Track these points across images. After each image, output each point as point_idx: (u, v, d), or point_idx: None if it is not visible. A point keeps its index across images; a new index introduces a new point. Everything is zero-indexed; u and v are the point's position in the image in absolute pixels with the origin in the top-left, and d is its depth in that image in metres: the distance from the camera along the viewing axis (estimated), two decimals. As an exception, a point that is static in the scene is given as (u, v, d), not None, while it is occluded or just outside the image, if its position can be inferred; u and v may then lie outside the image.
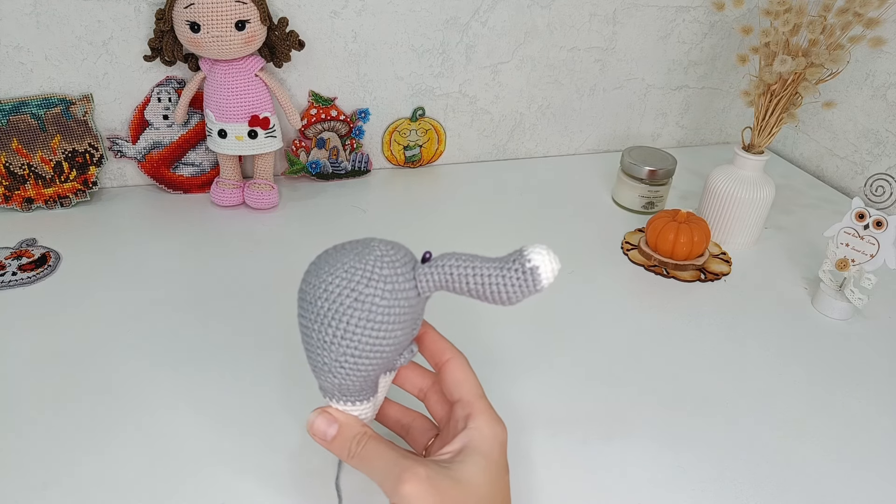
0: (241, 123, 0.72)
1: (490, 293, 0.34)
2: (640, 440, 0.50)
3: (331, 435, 0.37)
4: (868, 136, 0.88)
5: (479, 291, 0.34)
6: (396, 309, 0.34)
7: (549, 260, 0.34)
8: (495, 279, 0.34)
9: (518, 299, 0.34)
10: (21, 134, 0.71)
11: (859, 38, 0.65)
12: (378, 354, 0.35)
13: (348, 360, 0.35)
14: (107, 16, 0.71)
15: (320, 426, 0.37)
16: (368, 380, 0.37)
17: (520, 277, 0.34)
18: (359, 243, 0.36)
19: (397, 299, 0.34)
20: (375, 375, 0.37)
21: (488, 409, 0.38)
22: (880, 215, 0.60)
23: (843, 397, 0.55)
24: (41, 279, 0.63)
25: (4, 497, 0.42)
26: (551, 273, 0.34)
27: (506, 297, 0.34)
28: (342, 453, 0.36)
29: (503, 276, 0.34)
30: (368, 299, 0.34)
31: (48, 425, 0.48)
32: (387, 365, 0.37)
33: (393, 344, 0.35)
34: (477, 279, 0.34)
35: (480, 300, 0.35)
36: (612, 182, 0.88)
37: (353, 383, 0.36)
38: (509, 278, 0.34)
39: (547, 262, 0.34)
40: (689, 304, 0.66)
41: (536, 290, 0.34)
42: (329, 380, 0.36)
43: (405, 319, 0.35)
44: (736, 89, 0.99)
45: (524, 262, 0.34)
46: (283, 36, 0.73)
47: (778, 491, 0.47)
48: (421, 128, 0.87)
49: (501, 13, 0.83)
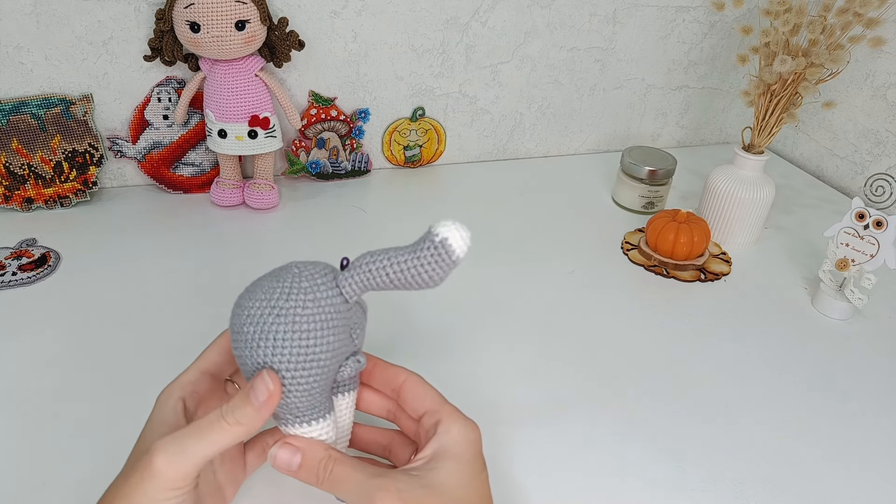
0: (241, 123, 0.72)
1: (412, 278, 0.35)
2: (640, 440, 0.50)
3: (296, 464, 0.35)
4: (868, 136, 0.88)
5: (402, 280, 0.35)
6: (322, 316, 0.34)
7: (455, 229, 0.34)
8: (412, 263, 0.34)
9: (440, 276, 0.35)
10: (21, 134, 0.71)
11: (859, 38, 0.65)
12: (314, 365, 0.34)
13: (286, 377, 0.34)
14: (107, 16, 0.71)
15: (283, 457, 0.36)
16: (314, 394, 0.35)
17: (433, 254, 0.34)
18: (278, 269, 0.37)
19: (321, 307, 0.34)
20: (321, 388, 0.36)
21: (455, 411, 0.37)
22: (880, 215, 0.60)
23: (843, 397, 0.55)
24: (41, 279, 0.63)
25: (4, 497, 0.42)
26: (462, 242, 0.34)
27: (427, 277, 0.34)
28: (311, 480, 0.35)
29: (418, 259, 0.34)
30: (290, 312, 0.34)
31: (48, 425, 0.48)
32: (328, 375, 0.36)
33: (328, 352, 0.35)
34: (395, 269, 0.35)
35: (407, 288, 0.35)
36: (612, 182, 0.88)
37: (299, 400, 0.35)
38: (424, 258, 0.34)
39: (454, 233, 0.34)
40: (689, 304, 0.66)
41: (452, 261, 0.34)
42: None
43: (335, 325, 0.35)
44: (736, 89, 0.99)
45: (433, 239, 0.34)
46: (283, 36, 0.73)
47: (778, 491, 0.47)
48: (421, 128, 0.87)
49: (501, 13, 0.83)
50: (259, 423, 0.33)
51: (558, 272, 0.69)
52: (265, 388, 0.33)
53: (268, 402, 0.33)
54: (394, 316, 0.61)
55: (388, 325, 0.59)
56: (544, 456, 0.48)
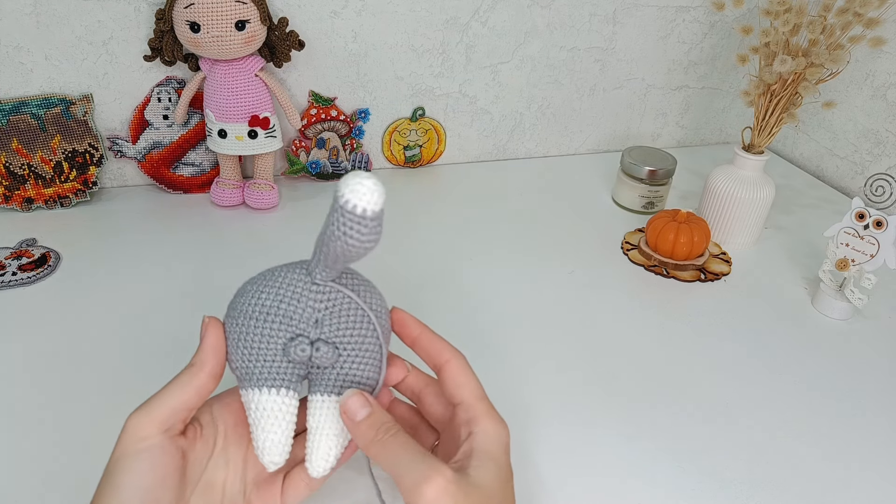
0: (241, 123, 0.72)
1: (343, 246, 0.33)
2: (640, 440, 0.50)
3: (363, 415, 0.35)
4: (868, 136, 0.88)
5: (340, 250, 0.34)
6: (282, 290, 0.36)
7: (356, 184, 0.32)
8: (332, 231, 0.34)
9: (365, 237, 0.33)
10: (21, 134, 0.71)
11: (859, 38, 0.65)
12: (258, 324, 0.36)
13: (232, 329, 0.37)
14: (107, 16, 0.71)
15: (354, 405, 0.35)
16: (259, 356, 0.36)
17: (342, 217, 0.33)
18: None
19: (284, 281, 0.37)
20: (265, 353, 0.36)
21: (492, 411, 0.37)
22: (880, 215, 0.60)
23: (843, 397, 0.55)
24: (41, 279, 0.63)
25: (4, 497, 0.42)
26: (369, 194, 0.32)
27: (354, 242, 0.33)
28: (366, 437, 0.35)
29: (334, 225, 0.33)
30: (258, 280, 0.38)
31: (48, 425, 0.48)
32: (271, 340, 0.36)
33: (274, 317, 0.36)
34: (328, 241, 0.34)
35: (352, 257, 0.35)
36: (612, 182, 0.88)
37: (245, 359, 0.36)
38: (338, 223, 0.33)
39: (357, 190, 0.32)
40: (689, 304, 0.66)
41: (368, 219, 0.33)
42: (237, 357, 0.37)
43: (291, 300, 0.36)
44: (736, 89, 0.99)
45: (338, 201, 0.33)
46: (283, 36, 0.73)
47: (778, 491, 0.47)
48: (421, 128, 0.87)
49: (501, 13, 0.83)
50: (207, 360, 0.35)
51: (558, 272, 0.69)
52: (203, 328, 0.36)
53: (207, 333, 0.36)
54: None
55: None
56: (543, 456, 0.48)
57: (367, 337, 0.38)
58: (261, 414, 0.36)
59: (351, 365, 0.37)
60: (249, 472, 0.38)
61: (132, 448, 0.33)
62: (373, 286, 0.40)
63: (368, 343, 0.38)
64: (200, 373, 0.35)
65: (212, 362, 0.36)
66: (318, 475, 0.36)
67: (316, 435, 0.37)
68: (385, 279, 0.67)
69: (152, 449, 0.33)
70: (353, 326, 0.37)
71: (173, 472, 0.33)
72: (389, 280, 0.66)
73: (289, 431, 0.36)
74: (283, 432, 0.36)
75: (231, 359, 0.37)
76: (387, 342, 0.40)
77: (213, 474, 0.36)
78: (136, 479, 0.32)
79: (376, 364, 0.39)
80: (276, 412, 0.36)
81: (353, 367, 0.37)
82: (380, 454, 0.34)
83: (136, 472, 0.32)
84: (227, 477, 0.37)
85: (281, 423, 0.36)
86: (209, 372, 0.35)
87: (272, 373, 0.36)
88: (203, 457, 0.36)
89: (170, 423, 0.34)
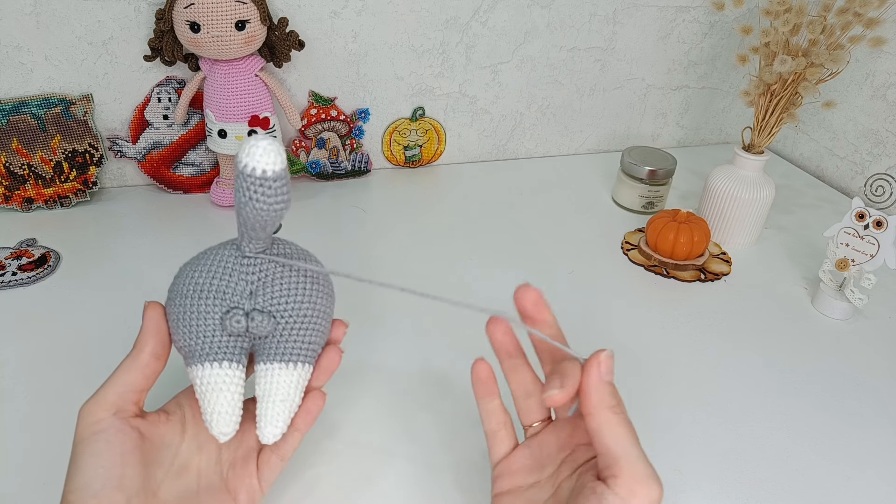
0: (241, 123, 0.72)
1: (252, 214, 0.34)
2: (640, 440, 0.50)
3: (610, 378, 0.34)
4: (868, 136, 0.88)
5: (251, 217, 0.35)
6: (211, 265, 0.38)
7: (251, 146, 0.33)
8: (239, 200, 0.34)
9: (271, 199, 0.34)
10: (21, 134, 0.71)
11: (859, 38, 0.65)
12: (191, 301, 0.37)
13: (171, 309, 0.38)
14: (107, 16, 0.71)
15: (608, 365, 0.35)
16: (198, 332, 0.36)
17: (247, 183, 0.33)
18: None
19: (213, 257, 0.38)
20: (200, 328, 0.37)
21: (645, 469, 0.32)
22: (880, 215, 0.60)
23: (843, 397, 0.55)
24: (41, 279, 0.63)
25: (5, 497, 0.42)
26: (265, 155, 0.33)
27: (261, 205, 0.34)
28: (604, 401, 0.33)
29: (239, 193, 0.34)
30: (192, 260, 0.39)
31: (48, 425, 0.48)
32: (204, 315, 0.37)
33: (205, 293, 0.37)
34: (239, 211, 0.35)
35: (265, 224, 0.35)
36: (612, 182, 0.88)
37: (185, 336, 0.37)
38: (242, 191, 0.34)
39: (252, 153, 0.33)
40: (689, 304, 0.66)
41: (270, 180, 0.33)
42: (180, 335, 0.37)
43: (222, 273, 0.37)
44: (736, 89, 0.99)
45: (238, 168, 0.34)
46: (283, 36, 0.73)
47: (778, 491, 0.47)
48: (421, 128, 0.87)
49: (501, 13, 0.83)
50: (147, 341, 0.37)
51: (558, 272, 0.69)
52: (146, 307, 0.38)
53: (145, 317, 0.37)
54: (386, 312, 0.61)
55: (385, 323, 0.59)
56: (544, 456, 0.48)
57: (304, 303, 0.38)
58: (206, 388, 0.36)
59: (290, 331, 0.38)
60: (224, 454, 0.39)
61: (87, 432, 0.34)
62: (308, 253, 0.41)
63: (306, 308, 0.38)
64: (141, 354, 0.36)
65: (151, 342, 0.37)
66: (268, 441, 0.37)
67: (264, 402, 0.37)
68: (384, 279, 0.67)
69: (107, 430, 0.34)
70: (287, 294, 0.38)
71: (131, 449, 0.34)
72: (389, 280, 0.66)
73: (235, 402, 0.37)
74: (229, 403, 0.36)
75: (175, 340, 0.38)
76: (329, 306, 0.40)
77: (188, 459, 0.38)
78: (95, 458, 0.33)
79: (318, 329, 0.39)
80: (219, 384, 0.36)
81: (294, 333, 0.38)
82: (615, 427, 0.33)
83: (94, 453, 0.34)
84: (200, 460, 0.38)
85: (225, 395, 0.36)
86: (149, 352, 0.37)
87: (213, 348, 0.37)
88: (173, 442, 0.37)
89: (119, 405, 0.35)
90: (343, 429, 0.49)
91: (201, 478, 0.38)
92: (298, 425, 0.39)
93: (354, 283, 0.38)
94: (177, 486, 0.36)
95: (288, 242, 0.40)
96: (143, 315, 0.38)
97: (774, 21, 0.66)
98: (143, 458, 0.35)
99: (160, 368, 0.37)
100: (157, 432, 0.36)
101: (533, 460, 0.38)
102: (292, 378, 0.38)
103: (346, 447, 0.48)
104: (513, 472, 0.38)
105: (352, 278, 0.38)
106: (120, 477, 0.33)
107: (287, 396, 0.38)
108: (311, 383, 0.39)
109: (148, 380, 0.37)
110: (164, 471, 0.36)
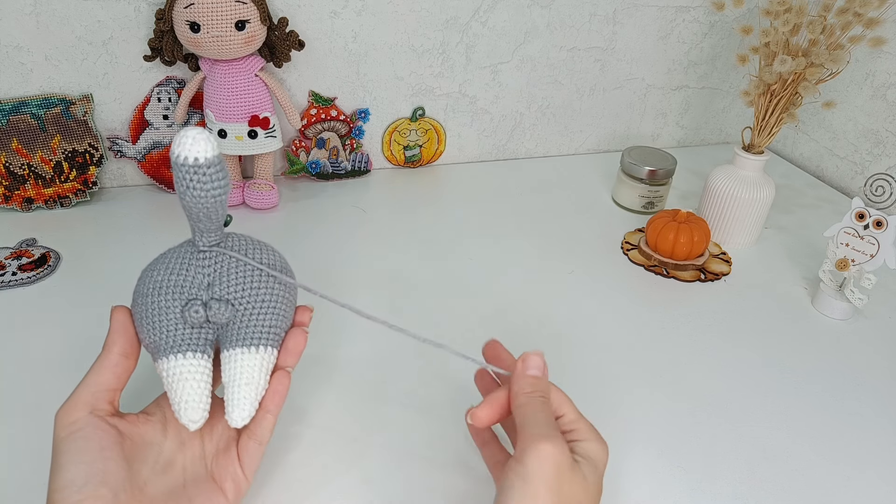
0: (241, 123, 0.72)
1: (192, 202, 0.36)
2: (640, 440, 0.50)
3: (532, 372, 0.39)
4: (868, 136, 0.88)
5: (191, 206, 0.36)
6: (168, 263, 0.39)
7: (181, 136, 0.35)
8: (178, 190, 0.36)
9: (207, 185, 0.35)
10: (21, 134, 0.71)
11: (859, 38, 0.65)
12: (153, 299, 0.38)
13: (134, 308, 0.39)
14: (107, 16, 0.71)
15: (534, 362, 0.40)
16: (161, 327, 0.38)
17: (182, 172, 0.35)
18: None
19: (171, 254, 0.40)
20: (163, 323, 0.38)
21: (594, 429, 0.39)
22: (880, 215, 0.60)
23: (843, 397, 0.55)
24: (41, 279, 0.63)
25: (5, 497, 0.42)
26: (194, 143, 0.35)
27: (198, 192, 0.35)
28: (523, 388, 0.38)
29: (177, 184, 0.36)
30: (153, 261, 0.41)
31: (48, 425, 0.48)
32: (165, 310, 0.38)
33: (163, 288, 0.38)
34: (181, 202, 0.36)
35: (208, 212, 0.37)
36: (612, 182, 0.88)
37: (149, 332, 0.38)
38: (179, 181, 0.35)
39: (183, 143, 0.35)
40: (689, 304, 0.66)
41: (203, 167, 0.35)
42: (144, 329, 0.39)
43: (176, 268, 0.39)
44: (736, 89, 0.99)
45: (172, 159, 0.35)
46: (283, 36, 0.73)
47: (778, 491, 0.47)
48: (421, 128, 0.87)
49: (501, 13, 0.83)
50: (115, 341, 0.38)
51: (558, 272, 0.69)
52: (113, 311, 0.39)
53: (112, 318, 0.39)
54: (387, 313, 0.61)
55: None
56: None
57: (260, 288, 0.39)
58: (172, 378, 0.37)
59: (250, 317, 0.39)
60: (207, 447, 0.40)
61: (65, 433, 0.35)
62: (263, 243, 0.42)
63: (263, 294, 0.39)
64: (110, 354, 0.38)
65: (119, 342, 0.38)
66: (237, 424, 0.38)
67: (230, 387, 0.38)
68: (385, 279, 0.67)
69: (84, 428, 0.35)
70: (243, 282, 0.39)
71: (111, 444, 0.35)
72: (389, 280, 0.66)
73: (201, 390, 0.37)
74: (195, 391, 0.37)
75: (141, 339, 0.39)
76: (289, 291, 0.41)
77: (171, 455, 0.38)
78: (75, 455, 0.34)
79: (278, 312, 0.40)
80: (184, 374, 0.37)
81: (254, 318, 0.39)
82: (524, 406, 0.37)
83: (73, 451, 0.34)
84: (185, 455, 0.39)
85: (191, 383, 0.37)
86: (118, 352, 0.38)
87: (176, 340, 0.38)
88: (154, 440, 0.38)
89: (93, 405, 0.36)
90: (317, 415, 0.50)
91: (187, 472, 0.38)
92: (268, 406, 0.39)
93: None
94: (164, 482, 0.37)
95: (242, 235, 0.42)
96: (110, 318, 0.39)
97: (774, 21, 0.66)
98: (125, 455, 0.35)
99: (131, 367, 0.38)
100: (136, 431, 0.37)
101: None
102: (255, 361, 0.39)
103: (321, 432, 0.48)
104: None
105: (304, 287, 0.40)
106: (103, 472, 0.34)
107: (252, 379, 0.38)
108: (279, 364, 0.40)
109: (119, 379, 0.38)
110: (150, 468, 0.37)
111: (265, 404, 0.39)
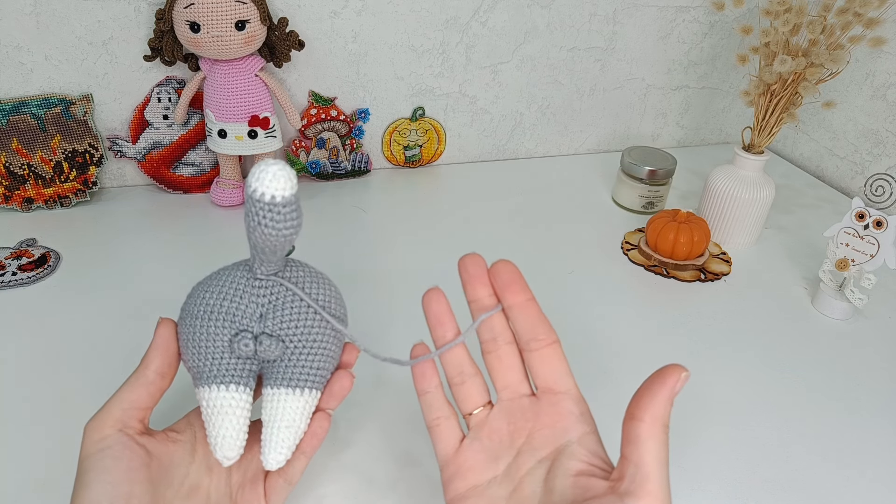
0: (240, 123, 0.72)
1: (261, 239, 0.34)
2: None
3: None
4: (868, 136, 0.88)
5: (260, 242, 0.34)
6: (222, 288, 0.37)
7: (261, 171, 0.32)
8: (248, 224, 0.34)
9: (280, 224, 0.33)
10: (21, 134, 0.71)
11: (859, 38, 0.65)
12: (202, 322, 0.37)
13: (181, 329, 0.38)
14: (107, 16, 0.71)
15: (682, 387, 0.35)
16: (206, 354, 0.36)
17: (256, 208, 0.33)
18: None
19: (226, 278, 0.38)
20: (211, 350, 0.36)
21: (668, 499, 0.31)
22: (880, 215, 0.60)
23: (843, 397, 0.55)
24: (41, 279, 0.63)
25: (4, 497, 0.42)
26: (275, 181, 0.32)
27: (269, 231, 0.33)
28: (667, 418, 0.34)
29: (249, 217, 0.33)
30: (202, 282, 0.39)
31: (48, 425, 0.48)
32: (214, 336, 0.36)
33: (217, 314, 0.37)
34: (249, 234, 0.34)
35: (274, 248, 0.35)
36: (612, 182, 0.88)
37: (194, 356, 0.37)
38: (252, 216, 0.33)
39: (262, 178, 0.32)
40: (689, 304, 0.66)
41: (279, 206, 0.32)
42: (189, 355, 0.37)
43: (232, 296, 0.37)
44: (736, 89, 0.99)
45: (247, 192, 0.33)
46: (283, 36, 0.73)
47: (778, 491, 0.47)
48: (421, 128, 0.87)
49: (501, 13, 0.83)
50: (153, 359, 0.37)
51: (558, 272, 0.69)
52: (159, 324, 0.38)
53: (155, 334, 0.37)
54: (387, 312, 0.61)
55: (384, 323, 0.59)
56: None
57: (314, 328, 0.38)
58: (212, 410, 0.36)
59: (299, 356, 0.37)
60: (234, 476, 0.39)
61: (94, 448, 0.34)
62: (322, 276, 0.40)
63: (315, 333, 0.38)
64: (146, 371, 0.36)
65: (157, 361, 0.37)
66: (271, 467, 0.37)
67: (269, 427, 0.37)
68: (385, 279, 0.67)
69: (113, 446, 0.34)
70: (297, 318, 0.37)
71: (138, 466, 0.34)
72: (389, 280, 0.66)
73: (240, 426, 0.36)
74: (234, 427, 0.36)
75: (184, 360, 0.38)
76: (341, 332, 0.40)
77: (197, 479, 0.37)
78: (102, 474, 0.33)
79: (328, 354, 0.39)
80: (226, 408, 0.36)
81: (303, 358, 0.37)
82: (655, 441, 0.33)
83: (100, 469, 0.33)
84: (210, 481, 0.38)
85: (231, 419, 0.36)
86: (155, 370, 0.37)
87: (221, 370, 0.36)
88: (182, 462, 0.37)
89: (124, 422, 0.35)
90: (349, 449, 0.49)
91: (210, 499, 0.37)
92: (304, 449, 0.38)
93: (325, 273, 0.38)
94: None
95: (302, 265, 0.40)
96: (155, 331, 0.38)
97: (774, 21, 0.66)
98: (151, 477, 0.34)
99: (165, 387, 0.37)
100: (164, 451, 0.36)
101: (485, 453, 0.36)
102: (299, 404, 0.37)
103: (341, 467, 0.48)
104: (465, 471, 0.36)
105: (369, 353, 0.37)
106: (128, 495, 0.33)
107: (293, 423, 0.37)
108: (321, 406, 0.39)
109: (152, 398, 0.36)
110: (174, 491, 0.36)
111: (301, 447, 0.38)
